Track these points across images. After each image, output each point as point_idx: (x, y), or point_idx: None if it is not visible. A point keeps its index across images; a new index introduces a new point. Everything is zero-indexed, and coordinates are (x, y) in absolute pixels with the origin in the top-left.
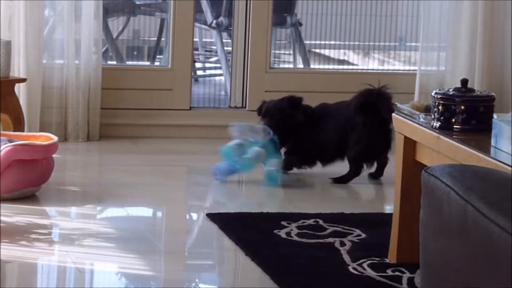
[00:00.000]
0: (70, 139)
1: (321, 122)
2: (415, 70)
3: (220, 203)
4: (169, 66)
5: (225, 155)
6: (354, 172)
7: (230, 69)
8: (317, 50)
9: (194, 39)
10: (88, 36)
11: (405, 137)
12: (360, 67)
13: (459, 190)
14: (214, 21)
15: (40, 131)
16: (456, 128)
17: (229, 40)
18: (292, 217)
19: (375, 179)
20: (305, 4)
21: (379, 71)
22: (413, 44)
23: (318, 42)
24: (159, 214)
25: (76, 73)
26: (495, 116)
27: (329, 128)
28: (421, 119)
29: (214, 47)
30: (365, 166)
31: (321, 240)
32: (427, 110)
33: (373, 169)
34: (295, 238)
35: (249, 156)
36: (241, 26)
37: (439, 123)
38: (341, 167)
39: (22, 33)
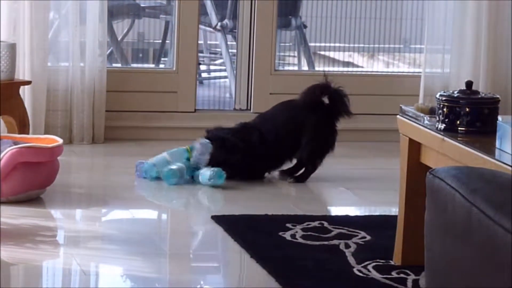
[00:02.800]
0: (75, 141)
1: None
2: (420, 72)
3: (225, 205)
4: (174, 69)
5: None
6: (311, 170)
7: (234, 72)
8: (322, 52)
9: (199, 42)
10: (93, 38)
11: (410, 139)
12: (365, 69)
13: (464, 192)
14: (219, 24)
15: (45, 133)
16: (460, 130)
17: (234, 43)
18: (297, 219)
19: (289, 176)
20: (310, 6)
21: (384, 73)
22: (418, 46)
23: (323, 44)
24: (164, 216)
25: (81, 75)
26: (499, 118)
27: (278, 132)
28: (426, 121)
29: (218, 50)
30: (320, 163)
31: (326, 242)
32: (431, 112)
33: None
34: (300, 240)
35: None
36: (246, 29)
37: (444, 125)
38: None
39: (27, 35)
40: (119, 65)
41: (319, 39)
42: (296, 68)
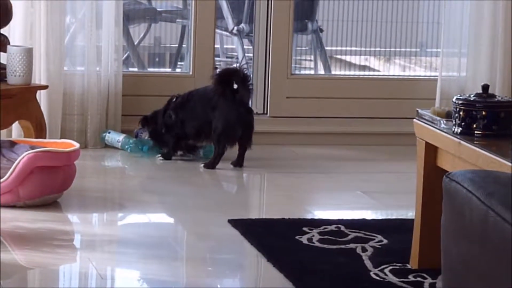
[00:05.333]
0: (90, 145)
1: (185, 108)
2: (436, 76)
3: (241, 209)
4: (190, 73)
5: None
6: (218, 153)
7: (251, 76)
8: (339, 56)
9: (215, 46)
10: (109, 43)
11: (426, 143)
12: (381, 73)
13: (480, 196)
14: (235, 28)
15: (61, 137)
16: (477, 133)
17: (250, 47)
18: (314, 223)
19: (236, 167)
20: (326, 10)
21: (400, 76)
22: (434, 50)
23: (339, 48)
24: (180, 220)
25: (97, 80)
26: None
27: (193, 112)
28: (442, 125)
29: (235, 54)
30: (227, 145)
31: (342, 246)
32: (448, 115)
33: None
34: (317, 244)
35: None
36: (262, 33)
37: (460, 128)
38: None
39: (43, 40)
40: (135, 69)
41: (336, 43)
42: (312, 72)
